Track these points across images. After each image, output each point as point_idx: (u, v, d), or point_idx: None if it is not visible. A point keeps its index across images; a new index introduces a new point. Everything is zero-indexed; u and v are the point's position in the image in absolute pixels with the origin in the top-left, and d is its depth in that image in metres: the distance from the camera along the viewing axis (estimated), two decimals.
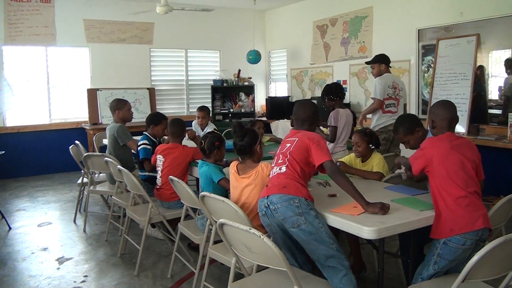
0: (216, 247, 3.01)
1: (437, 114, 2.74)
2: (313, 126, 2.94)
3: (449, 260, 2.45)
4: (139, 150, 4.46)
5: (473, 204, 2.47)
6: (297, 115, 2.94)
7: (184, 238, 3.67)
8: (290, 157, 2.70)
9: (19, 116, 7.79)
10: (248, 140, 3.05)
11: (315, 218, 2.51)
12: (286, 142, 2.82)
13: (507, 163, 5.35)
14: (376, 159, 3.67)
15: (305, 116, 2.91)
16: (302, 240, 2.54)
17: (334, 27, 8.14)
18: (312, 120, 2.92)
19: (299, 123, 2.92)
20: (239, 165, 3.12)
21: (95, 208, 5.78)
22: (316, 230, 2.48)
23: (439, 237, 2.48)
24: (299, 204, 2.52)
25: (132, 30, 8.55)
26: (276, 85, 10.17)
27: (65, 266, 4.02)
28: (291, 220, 2.51)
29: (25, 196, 6.55)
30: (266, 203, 2.61)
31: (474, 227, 2.42)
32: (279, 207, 2.55)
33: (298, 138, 2.76)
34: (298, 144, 2.73)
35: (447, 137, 2.63)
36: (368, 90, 7.46)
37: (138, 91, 8.53)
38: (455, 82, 5.87)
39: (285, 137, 2.93)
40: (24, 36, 7.61)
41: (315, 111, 2.97)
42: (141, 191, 3.79)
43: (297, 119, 2.94)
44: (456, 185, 2.48)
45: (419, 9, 6.54)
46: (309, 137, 2.74)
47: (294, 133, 2.87)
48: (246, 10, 9.43)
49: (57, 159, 7.89)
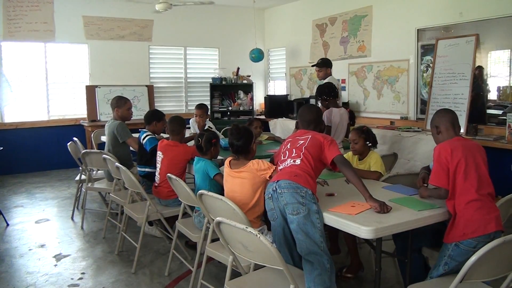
0: (213, 245, 3.02)
1: (440, 119, 2.76)
2: (317, 129, 3.09)
3: (459, 261, 2.45)
4: (146, 142, 4.39)
5: (485, 206, 2.49)
6: (303, 117, 3.11)
7: (182, 236, 3.68)
8: (305, 151, 2.80)
9: (18, 112, 7.77)
10: (244, 141, 3.13)
11: (316, 213, 2.55)
12: (297, 140, 2.92)
13: (505, 164, 5.34)
14: (373, 157, 3.68)
15: (311, 118, 3.08)
16: (295, 229, 2.59)
17: (334, 26, 8.13)
18: (317, 122, 3.11)
19: (305, 125, 3.08)
20: (232, 161, 3.19)
21: (93, 205, 5.77)
22: (312, 224, 2.54)
23: (451, 241, 2.50)
24: (305, 194, 2.59)
25: (131, 27, 8.54)
26: (275, 83, 10.16)
27: (62, 263, 4.02)
28: (292, 206, 2.58)
29: (23, 193, 6.54)
30: (275, 186, 2.70)
31: (486, 230, 2.44)
32: (285, 191, 2.62)
33: (311, 136, 2.89)
34: (312, 141, 2.85)
35: (459, 141, 2.63)
36: (367, 89, 7.47)
37: (137, 88, 8.52)
38: (454, 82, 5.87)
39: (294, 135, 3.05)
40: (23, 32, 7.60)
41: (320, 115, 3.23)
42: (139, 189, 3.79)
43: (303, 121, 3.11)
44: (469, 188, 2.50)
45: (419, 9, 6.53)
46: (323, 135, 2.92)
47: (304, 132, 2.99)
48: (246, 8, 9.42)
49: (55, 155, 7.89)
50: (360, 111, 7.61)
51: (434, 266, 2.60)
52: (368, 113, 7.45)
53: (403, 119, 6.79)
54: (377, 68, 7.26)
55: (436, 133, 2.78)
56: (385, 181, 3.40)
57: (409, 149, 5.84)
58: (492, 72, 5.76)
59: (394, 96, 7.02)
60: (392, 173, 3.60)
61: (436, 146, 2.67)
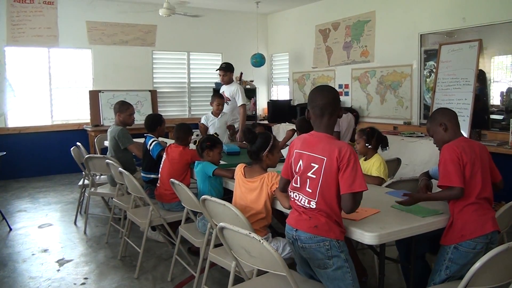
0: (216, 251, 3.01)
1: (445, 116, 2.73)
2: (334, 117, 2.41)
3: (460, 264, 2.46)
4: (152, 148, 4.36)
5: (481, 208, 2.51)
6: (314, 102, 2.40)
7: (185, 242, 3.67)
8: (320, 189, 2.29)
9: (21, 117, 7.80)
10: (257, 145, 3.06)
11: (345, 261, 2.31)
12: (310, 160, 2.34)
13: (509, 169, 5.32)
14: (376, 161, 3.65)
15: (323, 102, 2.37)
16: (323, 279, 2.40)
17: (337, 31, 8.14)
18: (333, 107, 2.39)
19: (317, 113, 2.38)
20: (246, 168, 3.15)
21: (95, 210, 5.77)
22: (343, 274, 2.31)
23: (449, 243, 2.49)
24: (330, 246, 2.29)
25: (134, 32, 8.57)
26: (278, 88, 10.17)
27: (65, 268, 4.01)
28: (318, 262, 2.34)
29: (26, 197, 6.55)
30: (294, 236, 2.38)
31: (484, 230, 2.45)
32: (307, 247, 2.33)
33: (326, 158, 2.27)
34: (327, 170, 2.27)
35: (466, 143, 2.62)
36: (370, 95, 7.47)
37: (140, 93, 8.54)
38: (457, 87, 5.86)
39: (304, 145, 2.41)
40: (27, 37, 7.63)
41: (336, 96, 2.45)
42: (142, 194, 3.79)
43: (314, 107, 2.40)
44: (471, 192, 2.49)
45: (422, 14, 6.54)
46: (341, 156, 2.24)
47: (317, 142, 2.36)
48: (249, 14, 9.45)
49: (58, 160, 7.90)
50: (363, 116, 7.61)
51: (435, 270, 2.58)
52: (371, 118, 7.44)
53: (406, 124, 6.79)
54: (380, 73, 7.26)
55: (444, 130, 2.70)
56: (388, 186, 3.38)
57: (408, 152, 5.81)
58: (496, 77, 5.75)
59: (397, 101, 7.02)
60: (395, 179, 3.58)
61: (444, 146, 2.61)
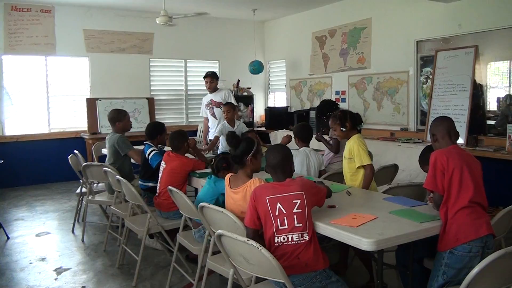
0: (214, 258, 3.01)
1: (436, 127, 2.79)
2: (286, 174, 2.68)
3: (457, 268, 2.46)
4: (151, 158, 4.36)
5: (475, 212, 2.52)
6: (268, 161, 2.72)
7: (183, 249, 3.66)
8: (308, 220, 2.47)
9: (18, 125, 7.79)
10: (241, 149, 3.02)
11: (338, 281, 2.46)
12: (289, 198, 2.48)
13: (506, 174, 5.34)
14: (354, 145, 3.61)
15: (275, 162, 2.68)
16: None
17: (333, 38, 8.18)
18: (283, 166, 2.69)
19: (272, 171, 2.71)
20: (231, 177, 3.10)
21: (93, 218, 5.76)
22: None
23: (445, 248, 2.50)
24: (321, 278, 2.42)
25: (131, 40, 8.59)
26: (275, 95, 10.20)
27: (63, 277, 4.00)
28: None
29: (23, 206, 6.53)
30: None
31: (478, 234, 2.46)
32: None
33: (304, 192, 2.49)
34: (309, 201, 2.50)
35: (455, 149, 2.65)
36: (367, 101, 7.49)
37: (138, 100, 8.55)
38: (454, 93, 5.89)
39: (275, 190, 2.54)
40: (24, 45, 7.65)
41: (286, 154, 2.75)
42: (139, 201, 3.78)
43: (267, 166, 2.73)
44: (464, 197, 2.51)
45: (418, 21, 6.58)
46: (310, 192, 2.54)
47: (287, 185, 2.55)
48: (246, 21, 9.48)
49: (55, 168, 7.88)
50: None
51: (432, 276, 2.58)
52: (368, 124, 7.46)
53: (403, 130, 6.81)
54: (377, 79, 7.29)
55: (433, 141, 2.81)
56: (386, 192, 3.39)
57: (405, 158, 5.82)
58: (492, 83, 5.78)
59: (394, 107, 7.05)
60: (392, 184, 3.58)
61: (433, 152, 2.69)
